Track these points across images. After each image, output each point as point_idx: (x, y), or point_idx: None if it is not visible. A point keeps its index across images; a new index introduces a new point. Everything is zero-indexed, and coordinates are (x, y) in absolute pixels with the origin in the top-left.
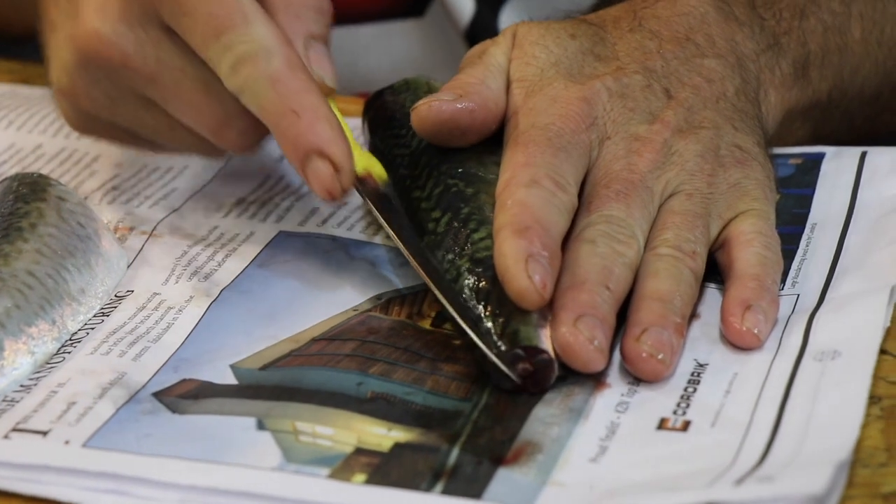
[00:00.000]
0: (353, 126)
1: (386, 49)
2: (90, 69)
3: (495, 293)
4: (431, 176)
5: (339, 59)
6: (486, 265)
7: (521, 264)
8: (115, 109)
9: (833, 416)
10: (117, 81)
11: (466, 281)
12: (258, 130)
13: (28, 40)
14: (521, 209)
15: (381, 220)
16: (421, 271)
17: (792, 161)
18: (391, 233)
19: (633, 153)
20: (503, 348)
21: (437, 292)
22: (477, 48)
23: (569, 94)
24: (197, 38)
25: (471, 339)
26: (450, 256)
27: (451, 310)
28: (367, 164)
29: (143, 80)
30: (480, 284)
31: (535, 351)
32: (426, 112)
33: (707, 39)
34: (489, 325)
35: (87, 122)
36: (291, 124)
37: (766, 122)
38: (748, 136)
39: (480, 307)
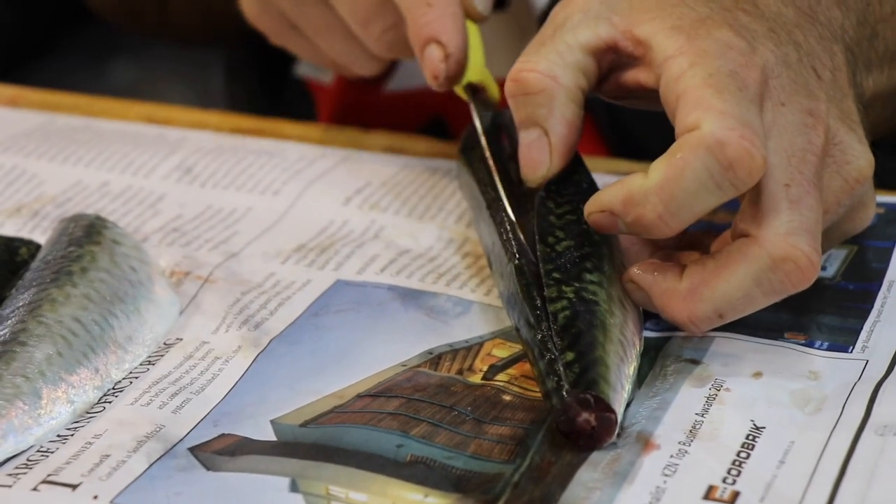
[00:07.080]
0: None
1: None
2: None
3: (586, 337)
4: (572, 200)
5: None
6: (587, 306)
7: None
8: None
9: (887, 498)
10: None
11: (563, 312)
12: (398, 31)
13: None
14: None
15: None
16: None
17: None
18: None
19: (809, 129)
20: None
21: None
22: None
23: (741, 44)
24: None
25: (541, 367)
26: (556, 276)
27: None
28: (484, 77)
29: None
30: (575, 322)
31: (604, 406)
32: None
33: (827, 20)
34: (570, 359)
35: (259, 13)
36: (422, 13)
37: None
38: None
39: (566, 343)
